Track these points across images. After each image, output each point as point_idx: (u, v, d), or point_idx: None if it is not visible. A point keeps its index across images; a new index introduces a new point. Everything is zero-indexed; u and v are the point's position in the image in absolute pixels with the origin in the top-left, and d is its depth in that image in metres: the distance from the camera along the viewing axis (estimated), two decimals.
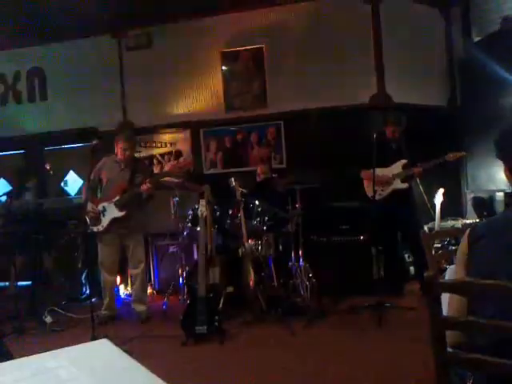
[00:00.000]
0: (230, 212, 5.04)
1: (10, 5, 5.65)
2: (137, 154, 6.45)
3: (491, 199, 5.86)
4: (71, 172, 7.02)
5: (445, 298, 1.58)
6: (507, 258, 1.48)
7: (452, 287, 1.55)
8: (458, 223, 5.63)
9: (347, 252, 5.28)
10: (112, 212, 4.82)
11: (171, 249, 5.80)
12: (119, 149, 4.91)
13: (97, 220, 4.84)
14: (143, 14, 6.29)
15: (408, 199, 5.24)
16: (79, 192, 6.80)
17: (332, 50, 6.16)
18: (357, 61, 6.10)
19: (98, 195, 5.02)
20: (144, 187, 4.73)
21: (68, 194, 7.02)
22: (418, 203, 5.52)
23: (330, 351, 3.83)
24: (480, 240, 1.57)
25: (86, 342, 1.48)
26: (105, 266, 4.98)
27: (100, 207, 4.84)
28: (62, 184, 7.04)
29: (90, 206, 4.79)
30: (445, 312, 1.57)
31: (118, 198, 4.81)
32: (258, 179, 5.79)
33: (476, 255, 1.57)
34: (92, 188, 4.97)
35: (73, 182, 7.01)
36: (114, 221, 4.82)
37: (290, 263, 5.04)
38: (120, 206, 4.80)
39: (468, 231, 1.63)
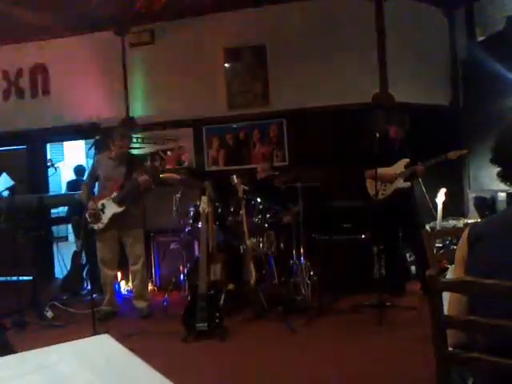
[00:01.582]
0: (232, 209, 5.04)
1: (13, 1, 5.65)
2: (139, 151, 6.49)
3: (493, 199, 5.85)
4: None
5: (445, 297, 1.58)
6: (507, 259, 1.48)
7: (453, 286, 1.55)
8: (460, 223, 5.62)
9: (348, 250, 5.28)
10: (111, 208, 4.83)
11: (172, 245, 5.80)
12: (115, 146, 4.92)
13: (97, 217, 4.84)
14: (146, 11, 6.27)
15: (410, 198, 5.23)
16: None
17: (335, 48, 6.15)
18: (360, 59, 6.10)
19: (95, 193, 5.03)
20: (142, 178, 4.73)
21: None
22: (419, 202, 5.51)
23: (331, 350, 3.83)
24: (479, 240, 1.56)
25: (87, 337, 1.48)
26: (104, 262, 4.98)
27: (99, 205, 4.84)
28: None
29: (90, 204, 4.79)
30: (445, 311, 1.57)
31: (115, 194, 4.82)
32: (258, 177, 5.79)
33: (475, 255, 1.57)
34: (90, 186, 4.98)
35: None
36: (114, 217, 4.83)
37: (291, 261, 5.04)
38: (118, 201, 4.81)
39: (467, 231, 1.62)
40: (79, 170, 8.23)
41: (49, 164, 6.66)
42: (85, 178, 7.20)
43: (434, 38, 6.51)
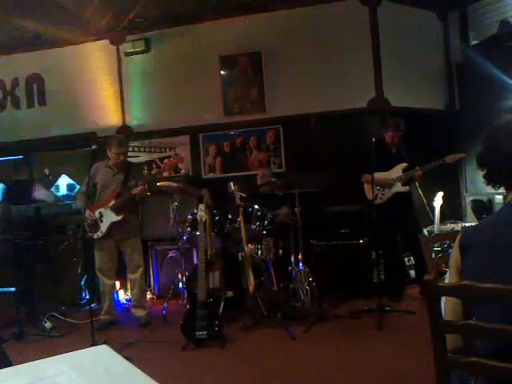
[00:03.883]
0: (230, 216, 5.03)
1: (9, 10, 5.66)
2: (136, 159, 6.47)
3: (490, 202, 5.87)
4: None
5: (442, 302, 1.58)
6: (494, 267, 1.48)
7: (451, 291, 1.55)
8: (458, 226, 5.63)
9: (347, 256, 5.27)
10: (109, 217, 4.81)
11: (171, 253, 5.80)
12: (112, 154, 4.90)
13: (95, 227, 4.83)
14: (141, 19, 6.29)
15: (408, 202, 5.24)
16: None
17: (330, 55, 6.18)
18: (355, 65, 6.12)
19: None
20: (136, 190, 4.72)
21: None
22: (417, 206, 5.52)
23: (331, 356, 3.81)
24: (469, 247, 1.57)
25: (85, 347, 1.48)
26: (103, 271, 4.96)
27: (97, 213, 4.83)
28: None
29: (87, 214, 4.77)
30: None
31: (113, 202, 4.81)
32: (258, 182, 5.78)
33: (467, 261, 1.57)
34: (87, 194, 4.94)
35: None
36: (113, 225, 4.81)
37: (289, 267, 5.03)
38: (116, 210, 4.80)
39: (458, 237, 1.62)
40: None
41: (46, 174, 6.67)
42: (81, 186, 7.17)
43: (429, 43, 6.54)
